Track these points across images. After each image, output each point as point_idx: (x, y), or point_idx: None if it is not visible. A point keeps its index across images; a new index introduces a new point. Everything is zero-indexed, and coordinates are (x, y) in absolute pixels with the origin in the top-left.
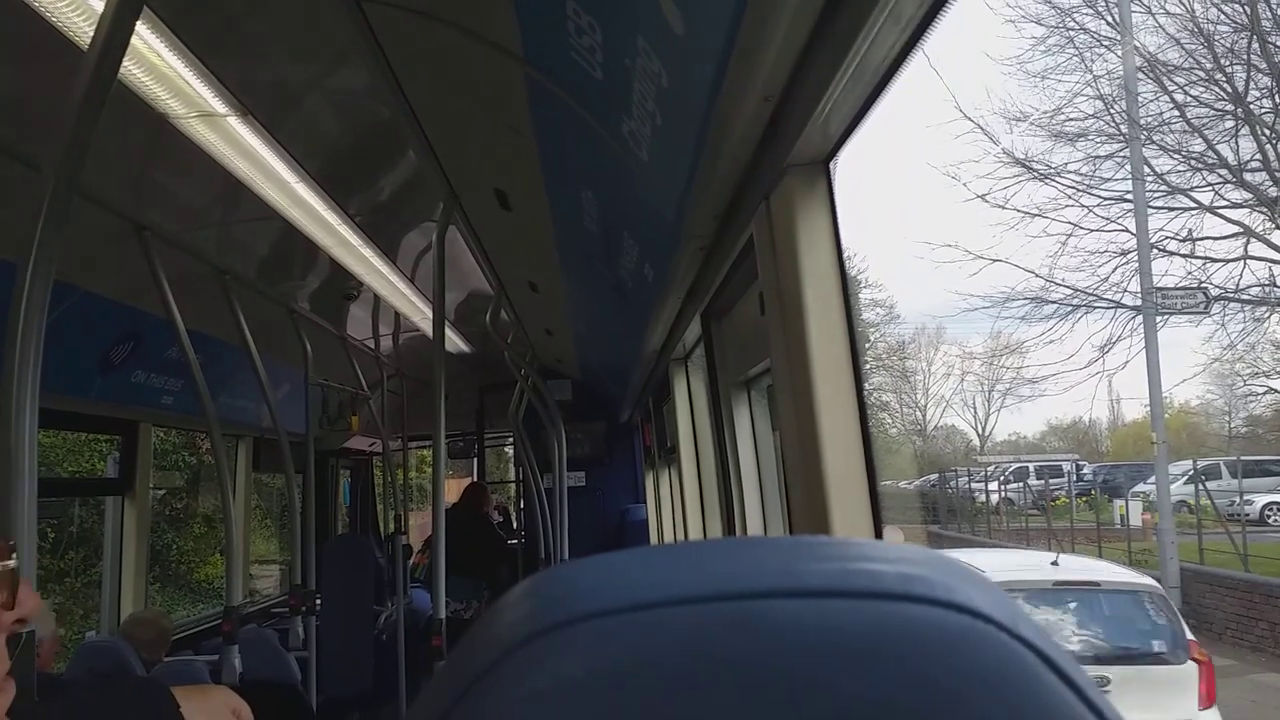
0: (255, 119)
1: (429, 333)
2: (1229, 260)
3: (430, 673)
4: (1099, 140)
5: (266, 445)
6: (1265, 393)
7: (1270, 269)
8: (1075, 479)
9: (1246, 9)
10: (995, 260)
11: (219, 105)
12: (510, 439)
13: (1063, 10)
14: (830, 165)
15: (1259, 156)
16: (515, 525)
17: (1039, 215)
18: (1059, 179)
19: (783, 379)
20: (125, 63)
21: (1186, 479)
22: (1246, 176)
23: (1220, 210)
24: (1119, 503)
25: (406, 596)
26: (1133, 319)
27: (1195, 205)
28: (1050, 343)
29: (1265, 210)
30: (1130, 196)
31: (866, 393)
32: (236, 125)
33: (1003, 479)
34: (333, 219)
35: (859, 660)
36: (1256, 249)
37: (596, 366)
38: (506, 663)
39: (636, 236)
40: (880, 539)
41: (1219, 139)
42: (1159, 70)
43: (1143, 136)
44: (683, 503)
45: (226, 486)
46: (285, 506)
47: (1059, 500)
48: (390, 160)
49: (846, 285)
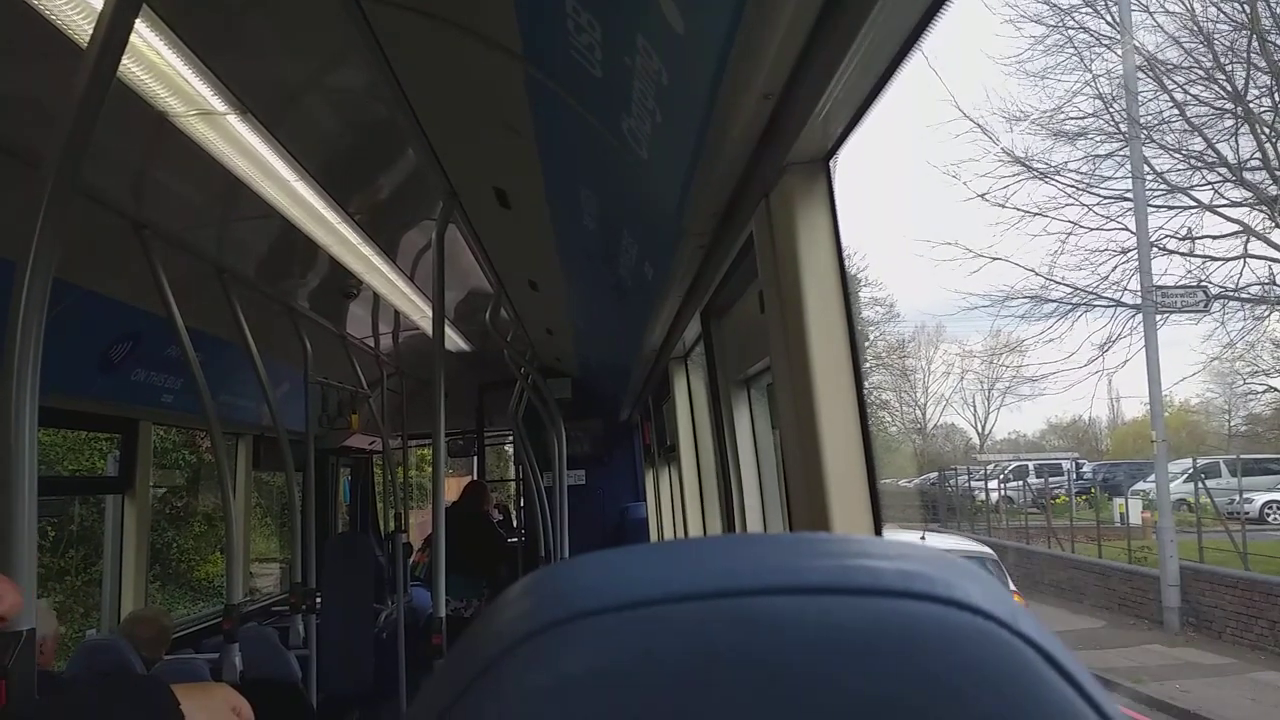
0: (254, 117)
1: (429, 331)
2: (1229, 259)
3: (430, 671)
4: (1099, 139)
5: (267, 443)
6: (1265, 391)
7: (1270, 267)
8: (1075, 477)
9: (1246, 8)
10: (995, 259)
11: (218, 103)
12: (510, 437)
13: (1062, 10)
14: (830, 163)
15: (1258, 155)
16: (515, 524)
17: (1039, 214)
18: (1059, 178)
19: (782, 377)
20: (124, 61)
21: (1186, 477)
22: (1246, 175)
23: (1220, 209)
24: (1119, 501)
25: (406, 595)
26: (1132, 317)
27: (1195, 204)
28: (1050, 341)
29: (1265, 209)
30: (1130, 195)
31: (866, 391)
32: (236, 123)
33: (1002, 477)
34: (332, 217)
35: (859, 657)
36: (1256, 247)
37: (596, 365)
38: (507, 659)
39: (636, 235)
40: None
41: (1218, 137)
42: (1158, 69)
43: (1142, 135)
44: (683, 501)
45: (226, 485)
46: (285, 505)
47: (1059, 499)
48: (390, 158)
49: (846, 283)
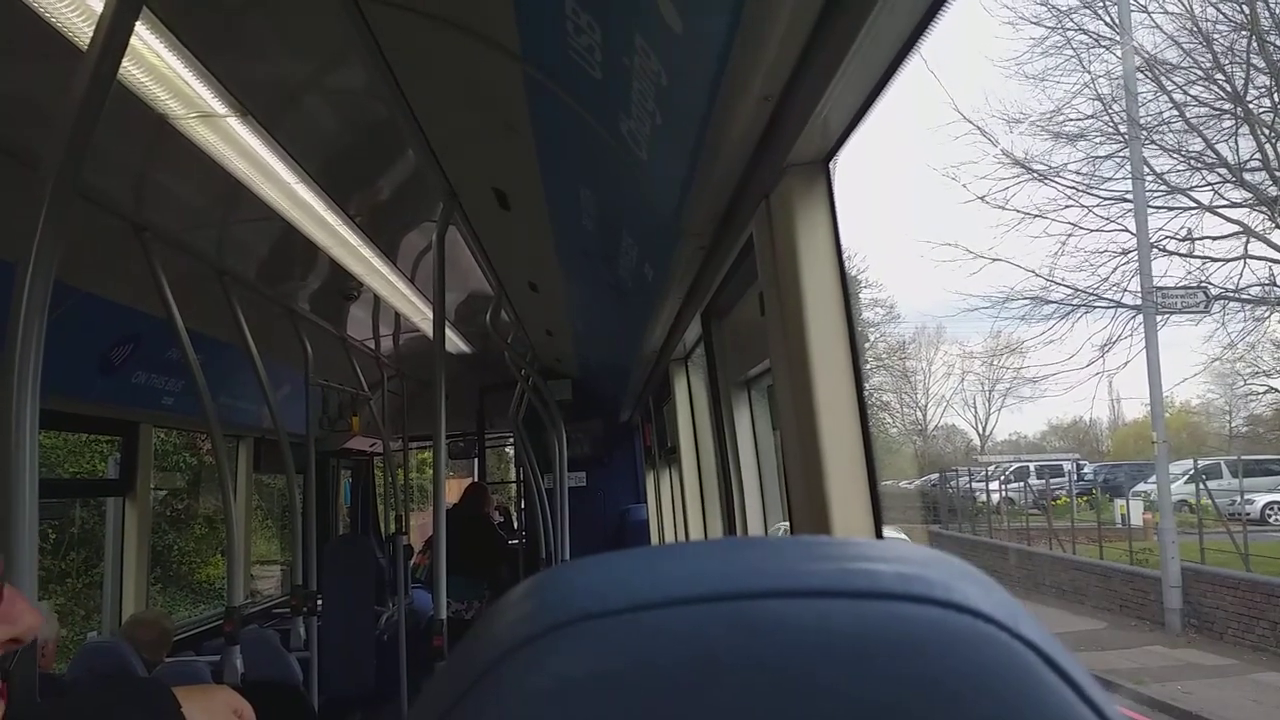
0: (254, 119)
1: (429, 333)
2: (1229, 260)
3: (431, 673)
4: (1098, 140)
5: (267, 446)
6: (1266, 392)
7: (1270, 268)
8: (1076, 478)
9: (1245, 8)
10: (995, 260)
11: (218, 105)
12: (511, 439)
13: (1061, 11)
14: (830, 165)
15: (1258, 156)
16: (516, 525)
17: (1039, 215)
18: (1059, 179)
19: (783, 379)
20: (124, 63)
21: (1187, 478)
22: (1246, 176)
23: (1220, 210)
24: (1120, 502)
25: (407, 597)
26: (1133, 318)
27: (1195, 205)
28: (1050, 342)
29: (1265, 209)
30: (1130, 196)
31: (867, 393)
32: (236, 125)
33: (1003, 479)
34: (332, 219)
35: (858, 660)
36: (1256, 248)
37: (597, 366)
38: (507, 662)
39: (636, 236)
40: (881, 539)
41: (1218, 138)
42: (1158, 70)
43: (1142, 136)
44: (683, 503)
45: (227, 487)
46: (286, 507)
47: (1060, 500)
48: (389, 160)
49: (846, 285)
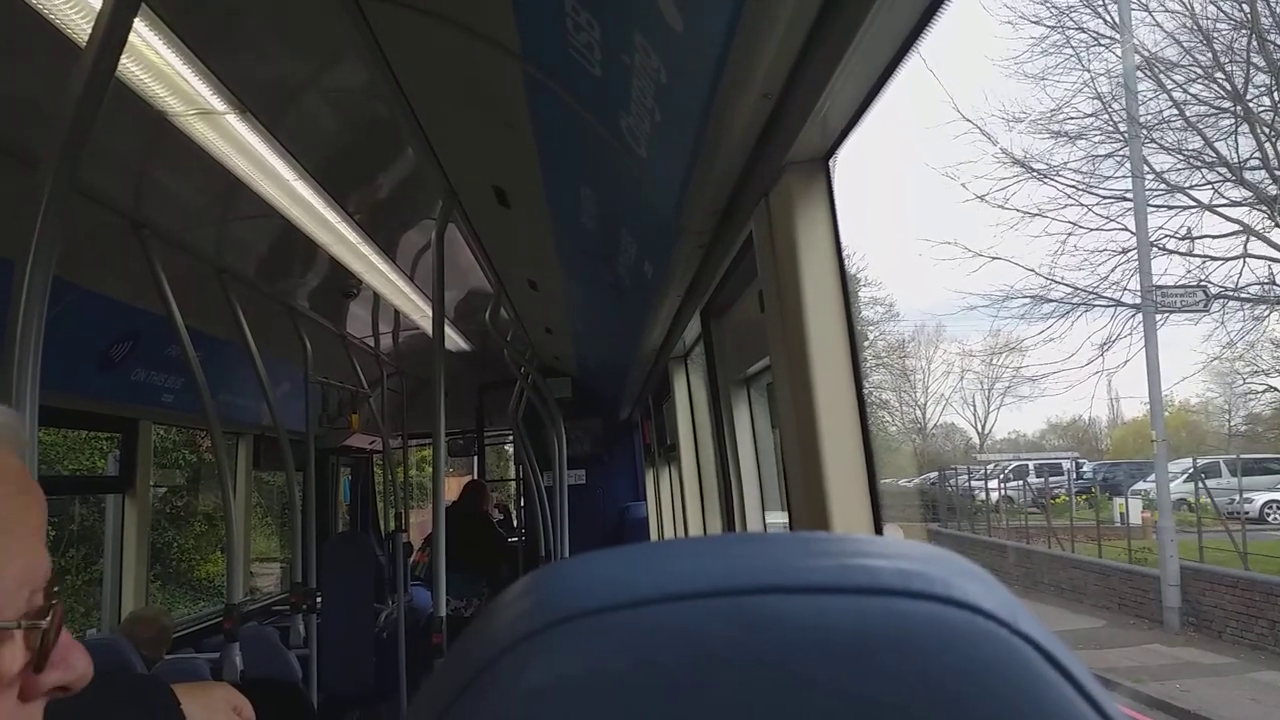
0: (253, 116)
1: (429, 330)
2: (1228, 259)
3: (431, 670)
4: (1098, 139)
5: (267, 443)
6: (1265, 391)
7: (1270, 267)
8: (1075, 477)
9: (1245, 7)
10: (995, 259)
11: (217, 103)
12: (510, 437)
13: (1060, 10)
14: (830, 162)
15: (1258, 154)
16: (515, 523)
17: (1039, 214)
18: (1058, 178)
19: (782, 376)
20: (123, 60)
21: (1186, 477)
22: (1246, 175)
23: (1219, 208)
24: (1119, 501)
25: (407, 594)
26: (1132, 317)
27: (1194, 204)
28: (1050, 341)
29: (1264, 208)
30: (1130, 195)
31: (866, 391)
32: (235, 123)
33: (1002, 477)
34: (332, 217)
35: (857, 656)
36: (1256, 247)
37: (596, 364)
38: (506, 659)
39: (635, 234)
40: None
41: (1218, 137)
42: (1157, 68)
43: (1142, 135)
44: (683, 501)
45: (227, 484)
46: (286, 504)
47: (1059, 498)
48: (389, 158)
49: (846, 283)
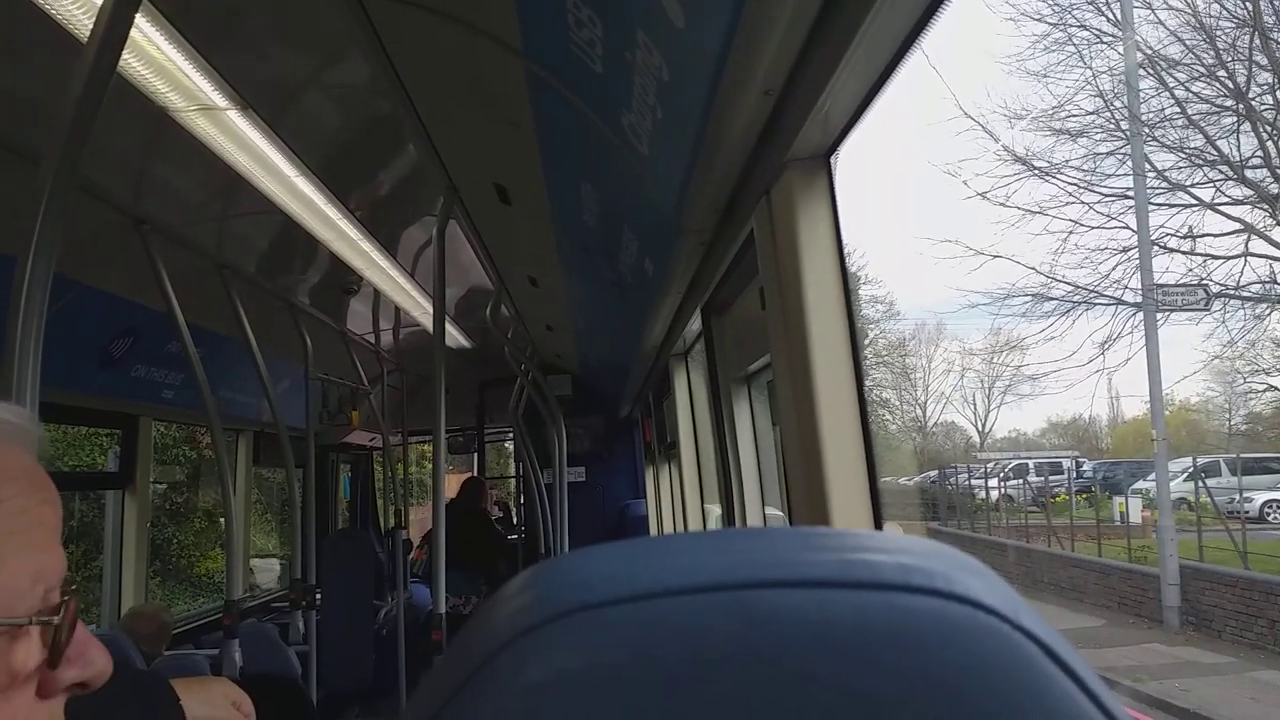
0: (255, 113)
1: (429, 327)
2: (1230, 257)
3: (430, 667)
4: (1099, 137)
5: (267, 439)
6: (1265, 390)
7: (1271, 266)
8: (1075, 476)
9: (1248, 4)
10: (996, 257)
11: (219, 99)
12: (510, 434)
13: (1062, 7)
14: (831, 160)
15: (1260, 153)
16: (516, 520)
17: (1040, 212)
18: (1060, 176)
19: (783, 374)
20: (124, 56)
21: (1186, 476)
22: (1247, 173)
23: (1221, 207)
24: (1119, 500)
25: (406, 591)
26: (1133, 316)
27: (1196, 202)
28: (1051, 339)
29: (1266, 207)
30: (1131, 193)
31: (866, 389)
32: (236, 119)
33: (1002, 476)
34: (332, 213)
35: (858, 651)
36: (1257, 246)
37: (597, 362)
38: (506, 654)
39: (637, 231)
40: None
41: (1220, 135)
42: (1160, 66)
43: (1143, 133)
44: (683, 498)
45: (227, 481)
46: (285, 501)
47: (1059, 497)
48: (390, 154)
49: (847, 280)
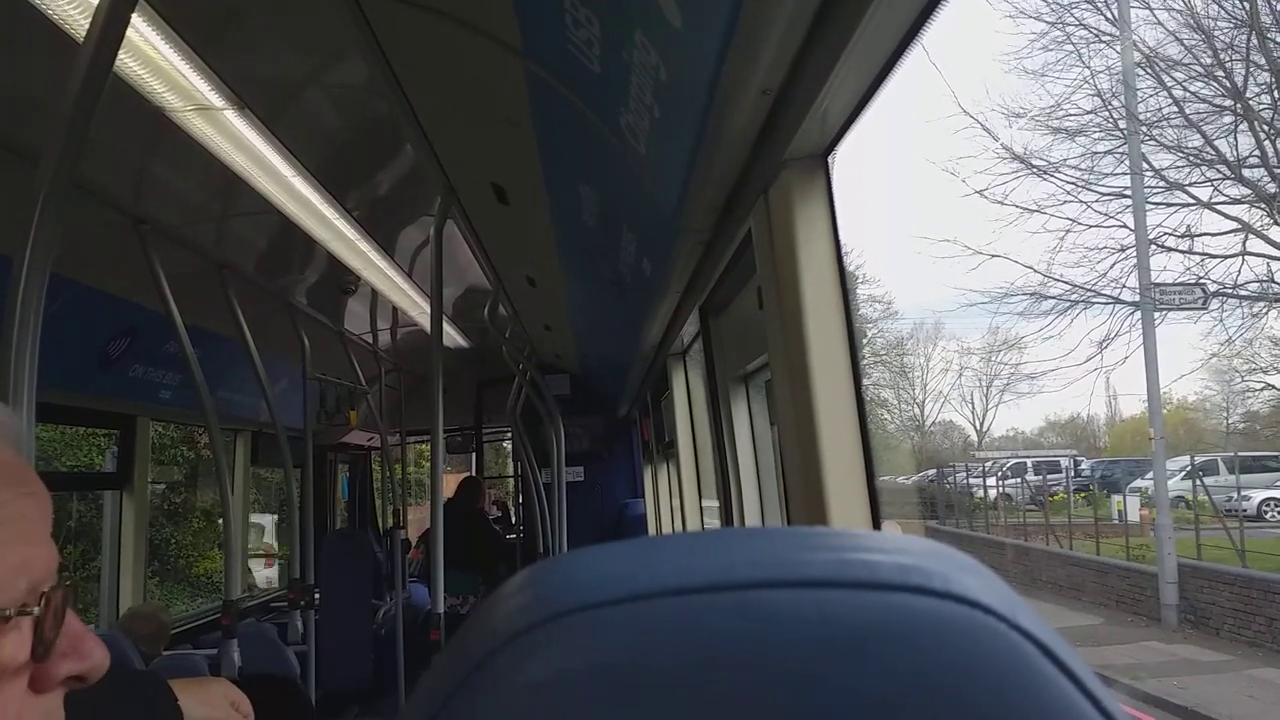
0: (252, 113)
1: (427, 327)
2: (1227, 256)
3: (428, 667)
4: (1097, 135)
5: (265, 439)
6: (1263, 388)
7: (1268, 265)
8: (1073, 474)
9: (1245, 4)
10: (994, 256)
11: (216, 99)
12: (509, 434)
13: (1061, 5)
14: (829, 159)
15: (1257, 152)
16: (514, 520)
17: (1038, 211)
18: (1058, 174)
19: (781, 373)
20: (121, 56)
21: (1184, 474)
22: (1245, 172)
23: (1219, 206)
24: (1117, 498)
25: (405, 591)
26: (1131, 315)
27: (1194, 201)
28: (1049, 338)
29: (1263, 206)
30: (1129, 192)
31: (865, 389)
32: (233, 119)
33: (1001, 474)
34: (330, 213)
35: (856, 651)
36: (1255, 245)
37: (595, 361)
38: (504, 653)
39: (635, 231)
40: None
41: (1217, 134)
42: (1158, 66)
43: (1141, 132)
44: (681, 498)
45: (225, 481)
46: (284, 501)
47: (1057, 496)
48: (388, 154)
49: (845, 279)
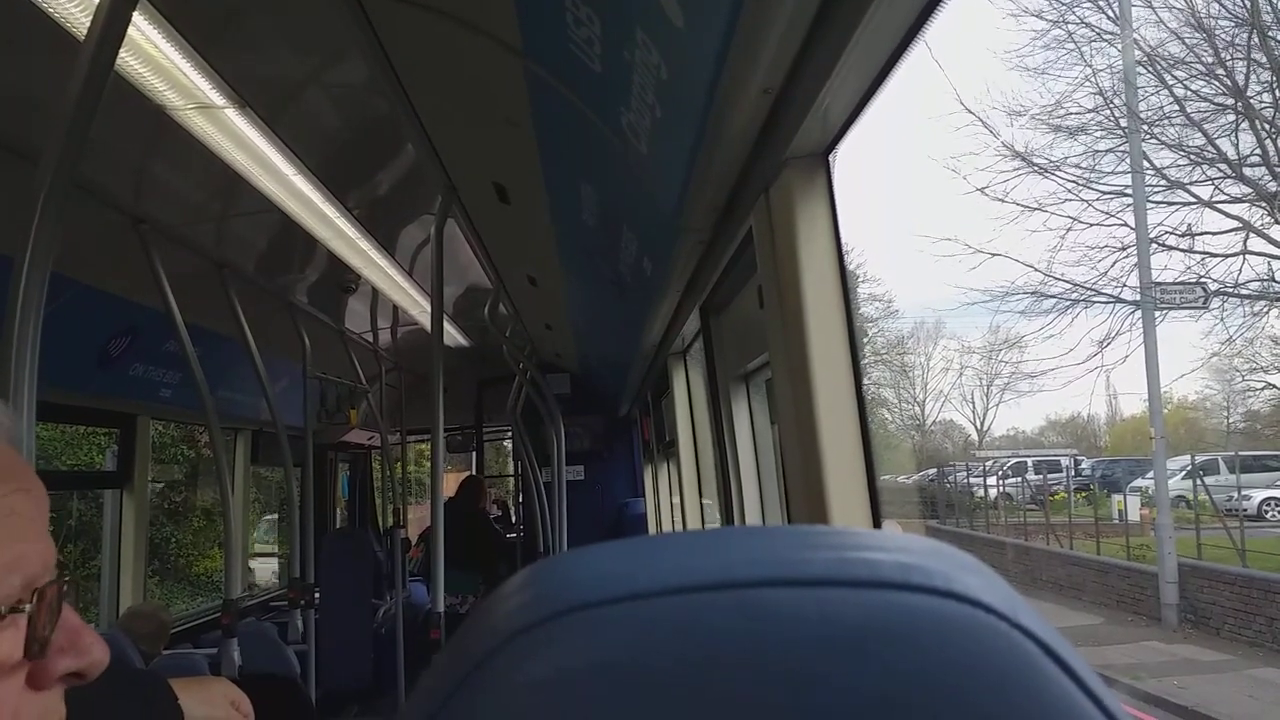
0: (253, 111)
1: (427, 326)
2: (1228, 255)
3: (428, 666)
4: (1099, 134)
5: (265, 438)
6: (1263, 388)
7: (1269, 264)
8: (1074, 474)
9: (1247, 3)
10: (994, 254)
11: (216, 97)
12: (509, 433)
13: (1063, 3)
14: (830, 158)
15: (1258, 151)
16: (514, 519)
17: (1038, 209)
18: (1059, 173)
19: (781, 372)
20: (122, 54)
21: (1185, 474)
22: (1246, 171)
23: (1219, 205)
24: (1117, 498)
25: (405, 590)
26: (1132, 314)
27: (1195, 200)
28: (1049, 337)
29: (1264, 205)
30: (1130, 190)
31: (865, 388)
32: (234, 118)
33: (1001, 474)
34: (331, 212)
35: (857, 649)
36: (1255, 244)
37: (595, 360)
38: (504, 652)
39: (635, 230)
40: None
41: (1219, 133)
42: (1159, 64)
43: (1142, 130)
44: (681, 497)
45: (225, 480)
46: (284, 500)
47: (1057, 495)
48: (388, 153)
49: (845, 279)
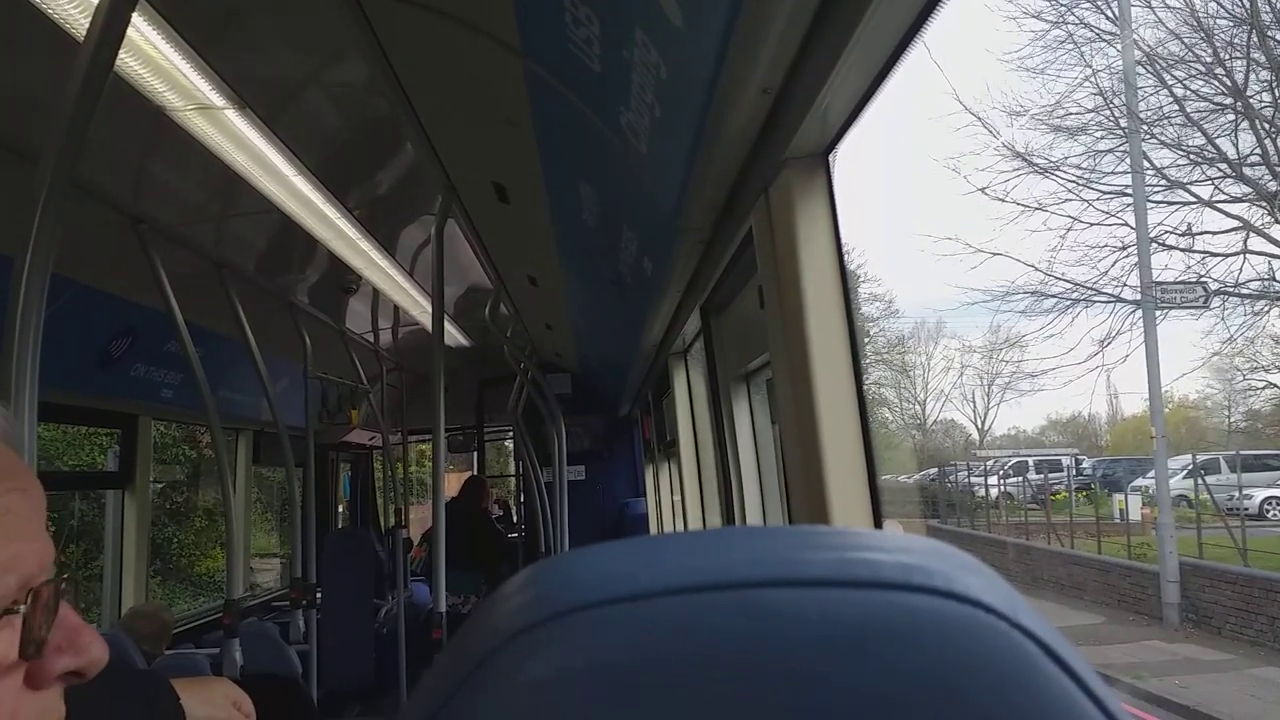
0: (253, 112)
1: (428, 326)
2: (1228, 255)
3: (430, 665)
4: (1099, 134)
5: (267, 439)
6: (1264, 387)
7: (1270, 263)
8: (1075, 473)
9: (1246, 2)
10: (995, 254)
11: (216, 98)
12: (510, 433)
13: (1063, 4)
14: (830, 157)
15: (1258, 151)
16: (515, 519)
17: (1039, 209)
18: (1059, 173)
19: (782, 372)
20: (122, 55)
21: (1186, 473)
22: (1246, 171)
23: (1220, 205)
24: (1118, 497)
25: (407, 590)
26: (1132, 313)
27: (1195, 200)
28: (1050, 337)
29: (1265, 205)
30: (1130, 190)
31: (866, 387)
32: (234, 118)
33: (1002, 473)
34: (331, 212)
35: (858, 650)
36: (1256, 244)
37: (596, 360)
38: (505, 652)
39: (635, 230)
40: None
41: (1218, 133)
42: (1158, 64)
43: (1142, 130)
44: (682, 497)
45: (226, 480)
46: (285, 500)
47: (1058, 495)
48: (388, 153)
49: (846, 278)
